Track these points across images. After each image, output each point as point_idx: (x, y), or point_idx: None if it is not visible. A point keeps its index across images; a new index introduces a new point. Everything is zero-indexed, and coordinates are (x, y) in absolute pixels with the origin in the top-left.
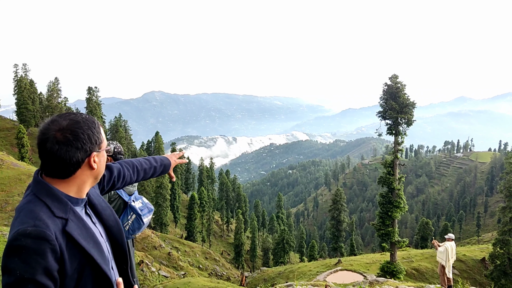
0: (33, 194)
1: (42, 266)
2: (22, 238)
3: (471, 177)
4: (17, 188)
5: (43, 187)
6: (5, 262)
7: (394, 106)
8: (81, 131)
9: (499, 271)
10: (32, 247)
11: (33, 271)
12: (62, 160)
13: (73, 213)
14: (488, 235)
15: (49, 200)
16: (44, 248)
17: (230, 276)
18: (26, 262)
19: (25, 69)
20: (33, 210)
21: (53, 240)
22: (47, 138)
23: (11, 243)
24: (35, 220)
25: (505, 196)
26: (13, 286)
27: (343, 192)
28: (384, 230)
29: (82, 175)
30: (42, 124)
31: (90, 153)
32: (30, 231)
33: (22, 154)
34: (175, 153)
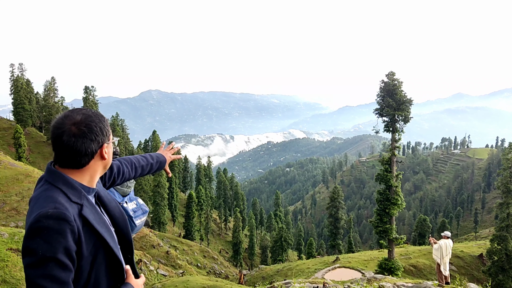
0: (48, 183)
1: (62, 246)
2: (44, 220)
3: (469, 173)
4: (14, 188)
5: (59, 176)
6: (27, 244)
7: (391, 103)
8: (94, 124)
9: (496, 267)
10: (53, 227)
11: (55, 250)
12: (78, 151)
13: (86, 200)
14: (485, 231)
15: (65, 187)
16: (64, 228)
17: (229, 274)
18: (48, 242)
19: (21, 68)
20: (51, 196)
21: (72, 221)
22: (63, 132)
23: (33, 225)
24: (55, 203)
25: (502, 192)
26: (35, 265)
27: (340, 190)
28: (382, 227)
29: (94, 165)
30: (56, 120)
31: (102, 144)
32: (51, 213)
33: (19, 154)
34: (169, 149)
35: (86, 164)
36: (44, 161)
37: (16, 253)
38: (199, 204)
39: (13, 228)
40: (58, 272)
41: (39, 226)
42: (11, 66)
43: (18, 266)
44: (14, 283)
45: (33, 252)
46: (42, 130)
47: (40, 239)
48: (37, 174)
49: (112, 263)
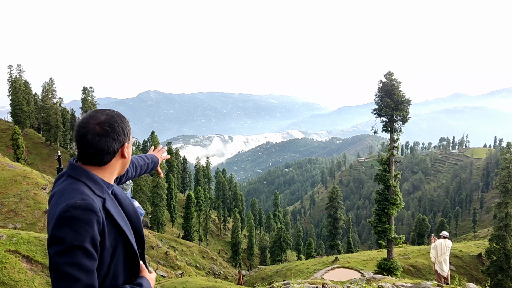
0: (72, 177)
1: (89, 235)
2: (72, 210)
3: (467, 173)
4: (12, 189)
5: (82, 171)
6: (55, 233)
7: (390, 103)
8: (117, 124)
9: (495, 267)
10: (82, 217)
11: (82, 239)
12: (101, 149)
13: (108, 194)
14: (484, 230)
15: (89, 182)
16: (92, 218)
17: (228, 275)
18: (76, 231)
19: (19, 70)
20: (78, 188)
21: (98, 212)
22: (87, 131)
23: (62, 214)
24: (83, 195)
25: (500, 191)
26: (63, 253)
27: (339, 190)
28: (380, 227)
29: (115, 163)
30: (81, 119)
31: (123, 144)
32: (80, 203)
33: (17, 155)
34: (159, 149)
35: (108, 162)
36: (42, 162)
37: (15, 254)
38: (198, 205)
39: (11, 229)
40: (85, 261)
41: (68, 216)
42: (9, 67)
43: (16, 268)
44: (12, 284)
45: (61, 240)
46: (40, 131)
47: (68, 228)
48: (35, 176)
49: (129, 256)
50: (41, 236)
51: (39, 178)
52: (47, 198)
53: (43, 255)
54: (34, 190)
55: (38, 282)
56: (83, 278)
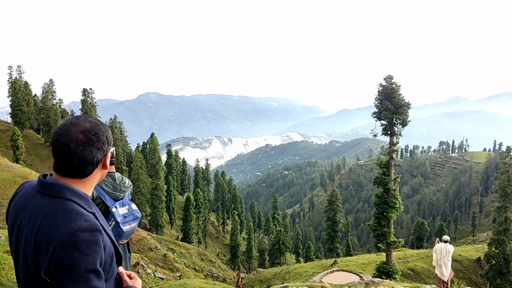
0: (52, 196)
1: (99, 256)
2: (80, 233)
3: (466, 177)
4: (11, 190)
5: (63, 188)
6: (63, 260)
7: (389, 106)
8: (101, 133)
9: (494, 271)
10: (91, 239)
11: (95, 261)
12: (85, 160)
13: (94, 208)
14: (483, 235)
15: (76, 198)
16: (99, 239)
17: (226, 278)
18: (88, 254)
19: (19, 71)
20: (73, 209)
21: (103, 231)
22: (70, 139)
23: (68, 240)
24: (84, 216)
25: (500, 196)
26: (77, 281)
27: (338, 193)
28: (380, 231)
29: (96, 174)
30: (60, 126)
31: (106, 153)
32: (86, 226)
33: (16, 156)
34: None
35: (90, 173)
36: (41, 163)
37: None
38: (197, 207)
39: None
40: (98, 283)
41: (76, 240)
42: (9, 68)
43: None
44: (10, 286)
45: (73, 267)
46: (40, 132)
47: (78, 253)
48: (34, 177)
49: (119, 265)
50: None
51: None
52: None
53: None
54: None
55: None
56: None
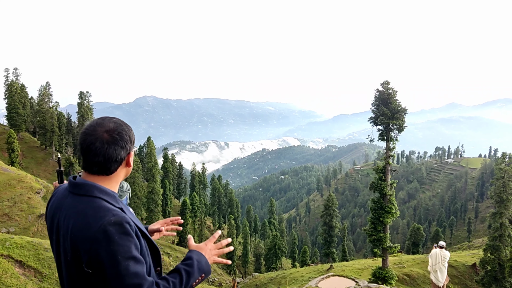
0: (83, 196)
1: (133, 244)
2: (110, 227)
3: (462, 182)
4: (6, 193)
5: (91, 186)
6: (102, 254)
7: (386, 112)
8: (125, 132)
9: (489, 277)
10: (121, 230)
11: (130, 249)
12: (110, 157)
13: (121, 203)
14: (478, 240)
15: (103, 195)
16: (128, 229)
17: (222, 282)
18: (122, 245)
19: (16, 73)
20: (101, 206)
21: (130, 222)
22: (96, 139)
23: (101, 235)
24: (111, 211)
25: (495, 202)
26: (119, 270)
27: (335, 198)
28: (375, 236)
29: (121, 171)
30: (86, 127)
31: (129, 152)
32: (114, 220)
33: (12, 159)
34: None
35: (115, 170)
36: (37, 166)
37: (7, 259)
38: (193, 211)
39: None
40: (139, 268)
41: (108, 234)
42: (6, 70)
43: (9, 273)
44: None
45: (111, 259)
46: (36, 135)
47: (113, 245)
48: (30, 180)
49: (153, 253)
50: (34, 240)
51: (33, 182)
52: (41, 202)
53: (35, 260)
54: (28, 194)
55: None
56: (144, 283)
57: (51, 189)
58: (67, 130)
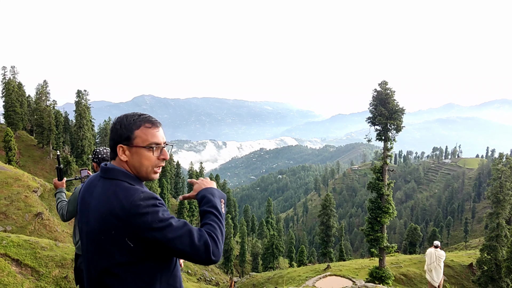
0: (112, 180)
1: (166, 210)
2: (142, 202)
3: (459, 183)
4: (3, 191)
5: (119, 171)
6: (143, 226)
7: (384, 112)
8: (118, 126)
9: (486, 277)
10: (152, 203)
11: (165, 213)
12: (109, 146)
13: (145, 189)
14: (475, 240)
15: (129, 180)
16: (159, 201)
17: (219, 281)
18: (157, 212)
19: (13, 71)
20: (128, 187)
21: (159, 198)
22: (111, 130)
23: (136, 210)
24: (139, 190)
25: (492, 202)
26: (165, 229)
27: (332, 198)
28: (373, 236)
29: (122, 160)
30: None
31: (119, 143)
32: (144, 195)
33: (9, 157)
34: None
35: (113, 158)
36: (34, 164)
37: (4, 257)
38: (190, 210)
39: (1, 232)
40: (178, 221)
41: (142, 208)
42: (3, 68)
43: (5, 271)
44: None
45: (152, 226)
46: (33, 133)
47: (150, 215)
48: (27, 178)
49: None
50: (31, 239)
51: (30, 180)
52: (38, 201)
53: (32, 259)
54: (25, 193)
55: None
56: (192, 229)
57: (48, 187)
58: (65, 129)
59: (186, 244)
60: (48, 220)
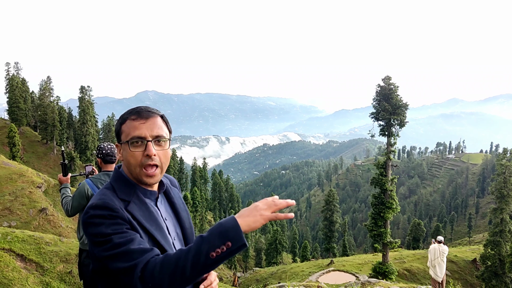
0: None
1: (116, 221)
2: (89, 209)
3: (463, 178)
4: (7, 187)
5: (115, 173)
6: (87, 233)
7: (387, 107)
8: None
9: (490, 272)
10: (98, 213)
11: (112, 225)
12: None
13: (137, 196)
14: (479, 236)
15: (117, 184)
16: (109, 214)
17: (223, 277)
18: (99, 225)
19: (17, 67)
20: (101, 191)
21: (117, 209)
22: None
23: (83, 218)
24: (101, 196)
25: (496, 197)
26: (101, 245)
27: (335, 193)
28: (376, 231)
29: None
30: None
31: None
32: (95, 203)
33: (13, 153)
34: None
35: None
36: (38, 160)
37: (9, 253)
38: (194, 206)
39: (6, 227)
40: (122, 239)
41: (89, 216)
42: (7, 65)
43: (10, 266)
44: (6, 283)
45: (92, 238)
46: (37, 129)
47: (93, 226)
48: (31, 174)
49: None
50: (35, 234)
51: (34, 176)
52: (42, 196)
53: (37, 254)
54: (29, 189)
55: (31, 281)
56: (129, 247)
57: (52, 183)
58: (68, 125)
59: (117, 265)
60: (52, 215)
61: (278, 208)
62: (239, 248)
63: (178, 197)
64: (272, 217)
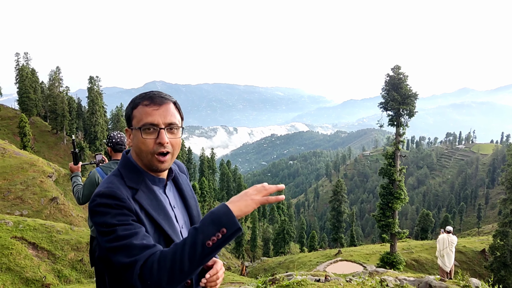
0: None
1: (122, 212)
2: (96, 197)
3: (473, 169)
4: (19, 176)
5: (123, 159)
6: (93, 222)
7: (396, 97)
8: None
9: (499, 263)
10: (104, 202)
11: (117, 215)
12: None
13: (145, 184)
14: (488, 226)
15: (125, 171)
16: (116, 203)
17: (231, 266)
18: (105, 214)
19: (26, 58)
20: (108, 178)
21: (124, 199)
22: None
23: (89, 205)
24: (108, 184)
25: (506, 188)
26: (105, 235)
27: (343, 183)
28: (384, 221)
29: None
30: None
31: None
32: (102, 191)
33: (24, 143)
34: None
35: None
36: (48, 150)
37: (21, 241)
38: (202, 196)
39: (18, 216)
40: (126, 232)
41: (95, 204)
42: (17, 55)
43: (22, 254)
44: (18, 271)
45: (98, 227)
46: (47, 119)
47: (99, 215)
48: (42, 163)
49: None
50: (46, 223)
51: (45, 166)
52: (53, 186)
53: (48, 242)
54: (40, 178)
55: (43, 268)
56: (131, 241)
57: (63, 172)
58: (78, 115)
59: (119, 259)
60: (63, 204)
61: (268, 193)
62: (234, 233)
63: (186, 184)
64: (263, 200)
